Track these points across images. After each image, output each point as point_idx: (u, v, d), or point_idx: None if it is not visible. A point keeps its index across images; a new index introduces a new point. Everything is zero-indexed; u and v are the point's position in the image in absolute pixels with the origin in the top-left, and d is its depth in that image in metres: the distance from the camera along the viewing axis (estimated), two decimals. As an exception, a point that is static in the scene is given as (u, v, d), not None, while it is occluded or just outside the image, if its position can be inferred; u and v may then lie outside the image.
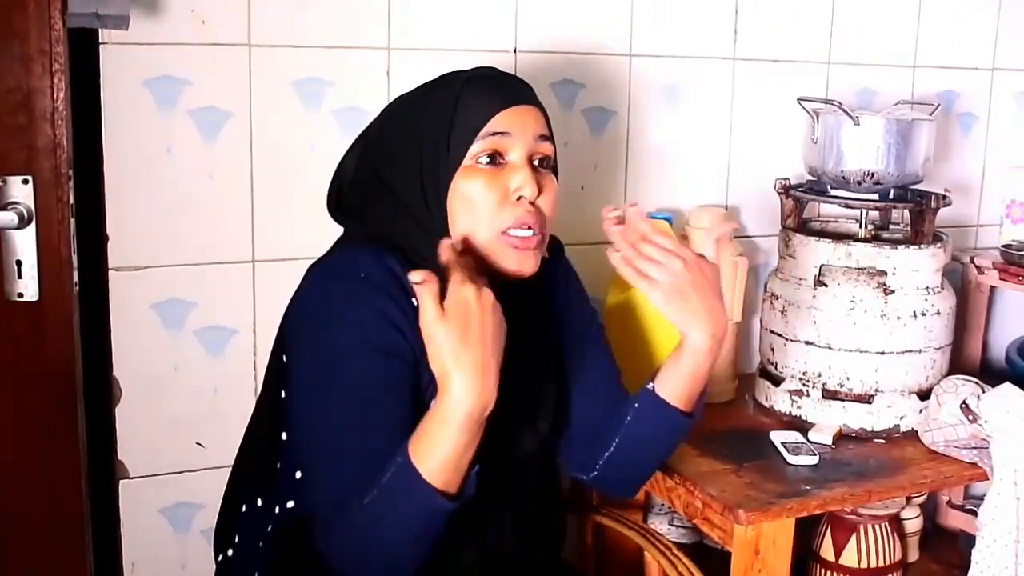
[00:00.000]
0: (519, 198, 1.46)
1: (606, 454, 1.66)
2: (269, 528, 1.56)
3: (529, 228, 1.46)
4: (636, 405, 1.62)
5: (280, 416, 1.54)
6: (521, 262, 1.48)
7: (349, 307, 1.42)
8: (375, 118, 1.61)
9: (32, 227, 1.70)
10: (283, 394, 1.52)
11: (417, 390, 1.44)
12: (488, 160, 1.45)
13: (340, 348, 1.41)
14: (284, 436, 1.54)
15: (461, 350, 1.32)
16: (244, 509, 1.62)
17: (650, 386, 1.61)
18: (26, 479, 1.78)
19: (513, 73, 1.56)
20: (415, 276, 1.33)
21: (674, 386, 1.60)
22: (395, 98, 1.61)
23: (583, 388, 1.70)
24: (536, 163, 1.49)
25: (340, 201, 1.60)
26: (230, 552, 1.63)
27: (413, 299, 1.41)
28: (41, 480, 1.78)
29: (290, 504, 1.54)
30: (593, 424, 1.68)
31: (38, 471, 1.78)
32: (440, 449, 1.32)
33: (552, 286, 1.68)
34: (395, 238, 1.48)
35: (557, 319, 1.68)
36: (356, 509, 1.34)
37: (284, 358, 1.51)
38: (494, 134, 1.45)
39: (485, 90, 1.48)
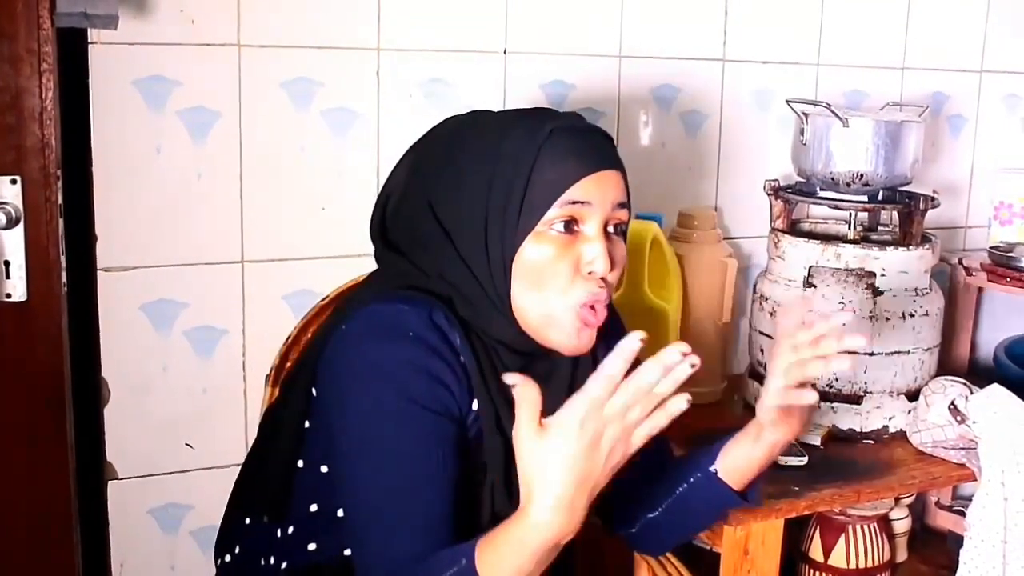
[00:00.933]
0: (590, 272, 1.37)
1: (650, 515, 1.58)
2: (283, 562, 1.50)
3: (599, 304, 1.38)
4: (692, 480, 1.54)
5: (299, 444, 1.47)
6: (581, 339, 1.39)
7: (397, 367, 1.33)
8: (435, 132, 1.48)
9: (20, 227, 1.70)
10: (307, 424, 1.46)
11: (465, 447, 1.38)
12: (563, 227, 1.35)
13: (388, 409, 1.33)
14: (300, 464, 1.47)
15: (554, 476, 1.18)
16: (248, 522, 1.56)
17: (712, 469, 1.51)
18: (14, 480, 1.77)
19: (597, 126, 1.45)
20: (511, 379, 1.19)
21: (737, 470, 1.51)
22: (466, 117, 1.49)
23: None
24: (610, 230, 1.40)
25: (384, 226, 1.47)
26: (228, 558, 1.59)
27: (460, 357, 1.36)
28: (29, 481, 1.78)
29: (311, 546, 1.47)
30: (631, 480, 1.49)
31: (26, 472, 1.78)
32: (507, 567, 1.21)
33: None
34: (446, 290, 1.39)
35: None
36: None
37: (314, 392, 1.43)
38: (574, 203, 1.35)
39: (571, 150, 1.36)
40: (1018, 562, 1.92)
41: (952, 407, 2.01)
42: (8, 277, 1.70)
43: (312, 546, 1.47)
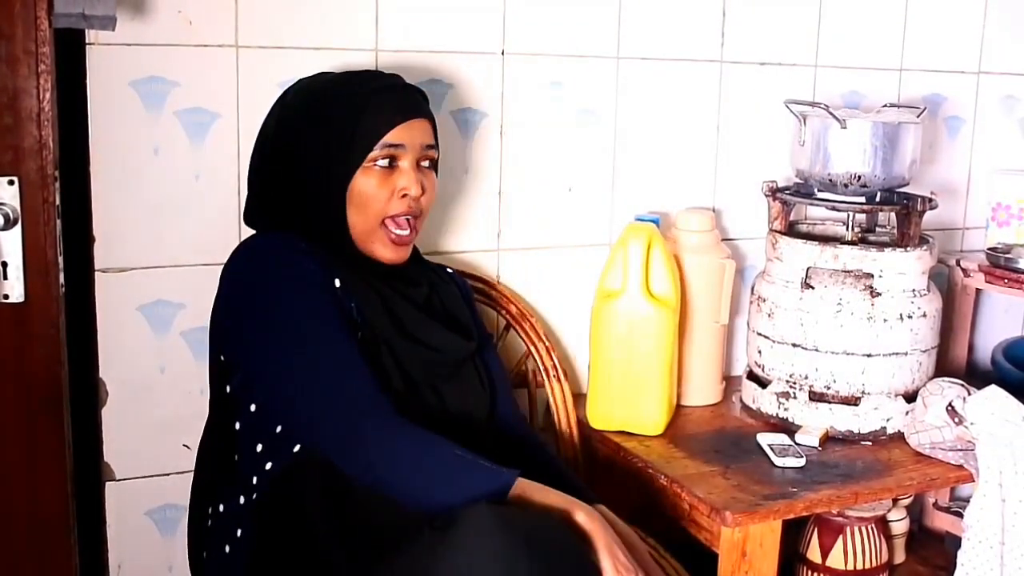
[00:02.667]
0: (404, 196, 1.72)
1: None
2: (251, 495, 1.62)
3: (407, 226, 1.74)
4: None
5: (229, 410, 1.68)
6: (396, 253, 1.74)
7: (268, 262, 1.64)
8: (289, 93, 1.79)
9: (18, 228, 1.69)
10: (228, 389, 1.68)
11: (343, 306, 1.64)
12: (386, 163, 1.71)
13: (274, 285, 1.62)
14: (238, 426, 1.66)
15: None
16: (210, 524, 1.70)
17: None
18: (11, 481, 1.77)
19: (411, 84, 1.81)
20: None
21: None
22: (313, 77, 1.82)
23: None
24: (425, 164, 1.77)
25: (261, 176, 1.79)
26: (205, 554, 1.72)
27: (323, 264, 1.64)
28: (26, 482, 1.77)
29: (268, 465, 1.61)
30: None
31: (23, 473, 1.77)
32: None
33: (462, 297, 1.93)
34: (302, 224, 1.71)
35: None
36: (404, 431, 1.52)
37: (222, 357, 1.70)
38: (390, 145, 1.71)
39: (387, 105, 1.72)
40: (1015, 563, 1.92)
41: (950, 408, 2.01)
42: (6, 278, 1.69)
43: (268, 465, 1.61)
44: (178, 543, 2.04)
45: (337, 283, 1.65)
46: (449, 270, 1.96)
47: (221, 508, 1.67)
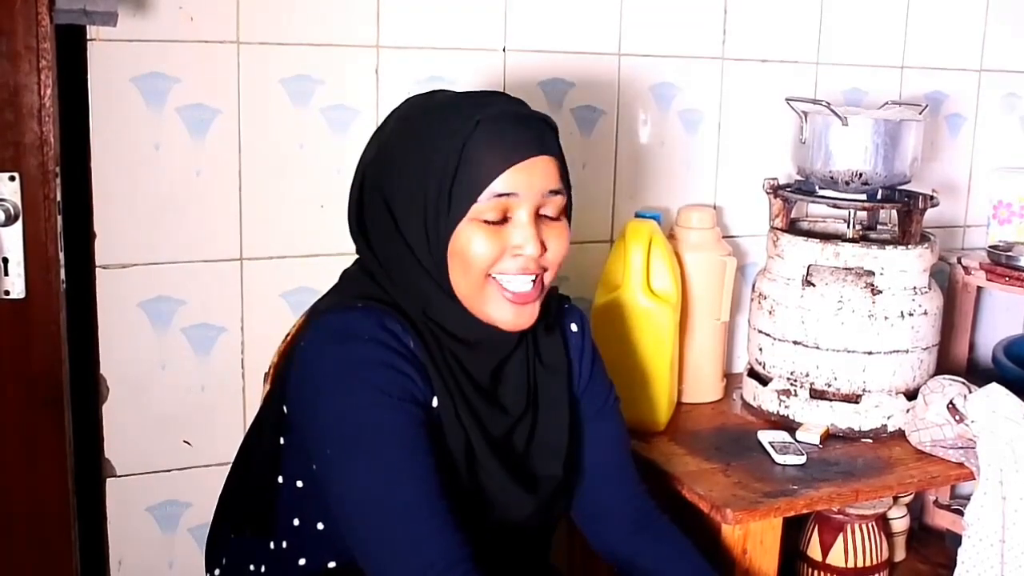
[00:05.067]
0: (517, 255, 1.42)
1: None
2: (264, 567, 1.54)
3: (527, 279, 1.44)
4: None
5: (276, 461, 1.50)
6: (516, 316, 1.45)
7: (358, 366, 1.39)
8: (390, 122, 1.53)
9: (19, 224, 1.70)
10: (282, 441, 1.49)
11: (433, 432, 1.43)
12: (492, 217, 1.40)
13: (359, 405, 1.38)
14: (280, 480, 1.50)
15: None
16: (233, 536, 1.59)
17: None
18: (11, 477, 1.77)
19: (532, 111, 1.49)
20: None
21: None
22: (418, 100, 1.53)
23: (596, 456, 1.67)
24: (546, 213, 1.45)
25: (360, 220, 1.52)
26: (217, 572, 1.63)
27: (416, 356, 1.42)
28: (27, 478, 1.78)
29: (302, 561, 1.49)
30: (597, 492, 1.66)
31: (24, 469, 1.77)
32: None
33: (579, 362, 1.66)
34: (399, 296, 1.46)
35: (576, 395, 1.66)
36: None
37: (285, 409, 1.47)
38: (499, 195, 1.40)
39: (495, 142, 1.40)
40: (1016, 561, 1.92)
41: (951, 406, 2.01)
42: (7, 274, 1.70)
43: (302, 561, 1.49)
44: (179, 539, 2.04)
45: (435, 402, 1.43)
46: (574, 328, 1.65)
47: (247, 533, 1.55)
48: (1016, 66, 2.68)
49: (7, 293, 1.70)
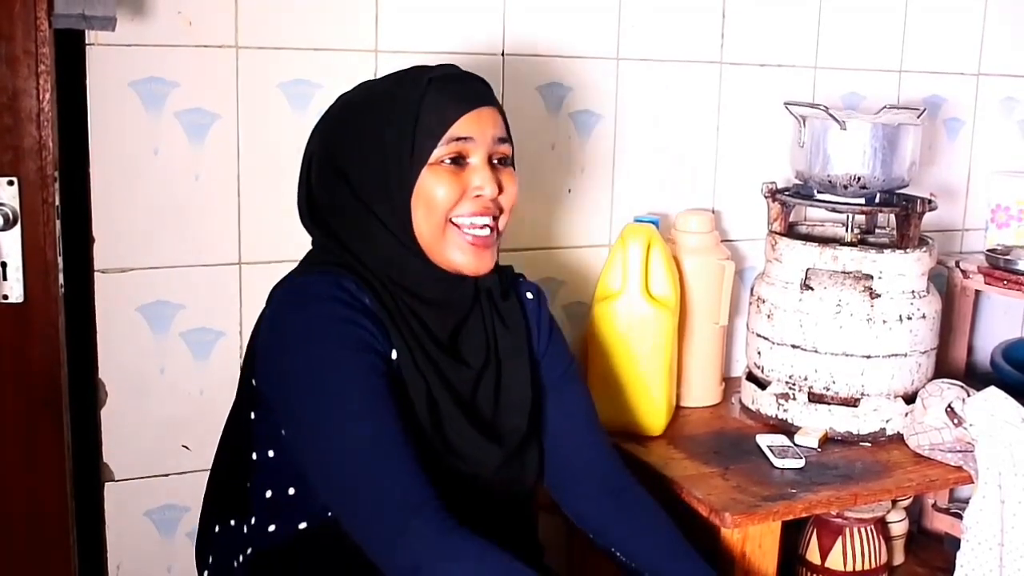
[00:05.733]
0: (478, 196, 1.54)
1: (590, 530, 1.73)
2: (247, 550, 1.57)
3: (485, 224, 1.55)
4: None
5: (249, 437, 1.56)
6: (477, 259, 1.55)
7: (318, 324, 1.48)
8: (332, 109, 1.63)
9: (17, 229, 1.70)
10: (252, 415, 1.56)
11: (396, 384, 1.50)
12: (451, 161, 1.52)
13: (324, 361, 1.46)
14: (254, 456, 1.56)
15: None
16: (217, 530, 1.63)
17: None
18: (10, 481, 1.77)
19: (473, 73, 1.62)
20: None
21: None
22: (355, 88, 1.64)
23: (561, 420, 1.72)
24: (496, 162, 1.57)
25: (311, 206, 1.61)
26: (206, 573, 1.66)
27: (374, 313, 1.50)
28: (26, 482, 1.78)
29: (271, 528, 1.54)
30: (566, 456, 1.71)
31: (23, 473, 1.77)
32: None
33: (536, 327, 1.73)
34: (356, 260, 1.54)
35: (536, 358, 1.72)
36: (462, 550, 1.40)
37: (254, 382, 1.54)
38: (457, 139, 1.52)
39: (448, 93, 1.54)
40: (1015, 564, 1.92)
41: (949, 410, 2.01)
42: (5, 279, 1.70)
43: (271, 527, 1.54)
44: (177, 544, 2.04)
45: (394, 354, 1.51)
46: (529, 295, 1.74)
47: (232, 523, 1.60)
48: (1014, 70, 2.68)
49: (5, 297, 1.71)
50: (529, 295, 1.74)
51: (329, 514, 1.49)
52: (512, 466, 1.62)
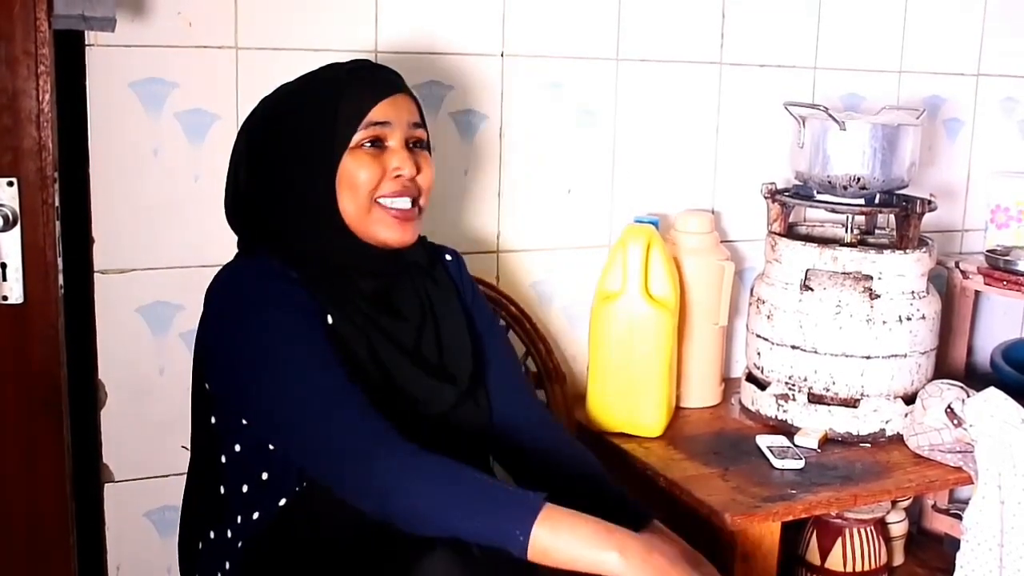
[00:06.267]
0: (397, 176, 1.62)
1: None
2: (238, 545, 1.58)
3: (407, 199, 1.63)
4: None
5: (213, 442, 1.61)
6: (401, 232, 1.63)
7: (251, 299, 1.55)
8: (256, 110, 1.69)
9: (17, 229, 1.69)
10: (213, 420, 1.60)
11: (335, 342, 1.56)
12: (371, 144, 1.60)
13: (260, 328, 1.52)
14: (223, 459, 1.59)
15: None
16: (200, 547, 1.65)
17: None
18: (10, 481, 1.77)
19: (384, 65, 1.71)
20: None
21: None
22: (275, 90, 1.70)
23: (492, 367, 1.79)
24: (412, 145, 1.65)
25: (237, 203, 1.70)
26: None
27: (302, 287, 1.56)
28: (26, 483, 1.78)
29: (255, 515, 1.57)
30: (500, 407, 1.77)
31: (23, 474, 1.77)
32: (565, 530, 1.39)
33: (460, 284, 1.82)
34: (290, 238, 1.62)
35: (467, 310, 1.80)
36: (421, 457, 1.45)
37: (207, 385, 1.60)
38: (375, 123, 1.60)
39: (365, 82, 1.63)
40: (1014, 565, 1.92)
41: (949, 410, 2.01)
42: (5, 279, 1.70)
43: (256, 515, 1.57)
44: (176, 545, 2.04)
45: (330, 319, 1.57)
46: (448, 257, 1.84)
47: (212, 535, 1.63)
48: (1013, 70, 2.68)
49: (5, 298, 1.70)
50: (448, 256, 1.83)
51: (304, 484, 1.53)
52: (467, 405, 1.69)
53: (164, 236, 1.94)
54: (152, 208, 1.92)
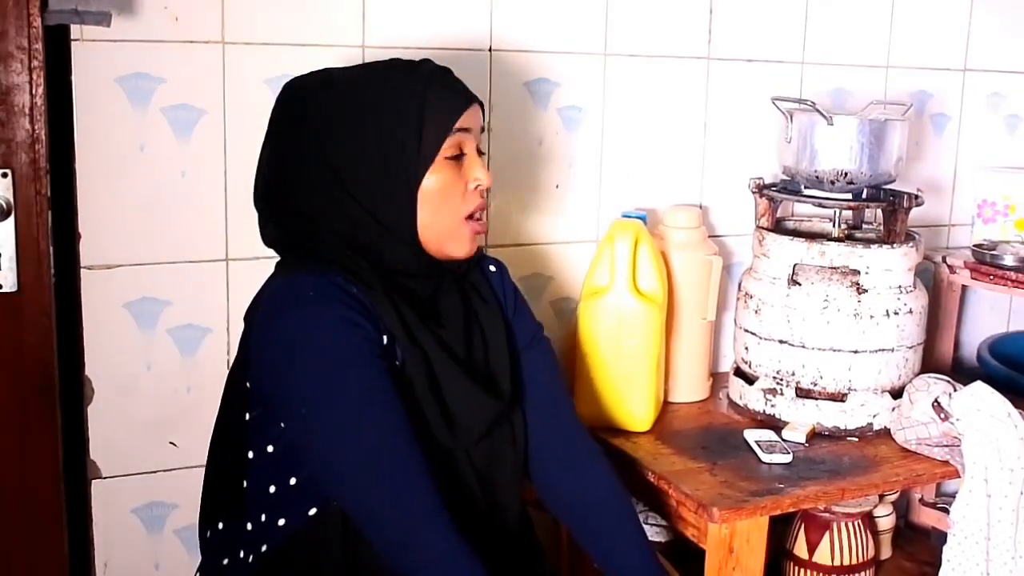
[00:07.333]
0: (477, 187, 1.59)
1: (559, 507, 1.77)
2: (260, 548, 1.56)
3: (483, 211, 1.62)
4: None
5: (244, 437, 1.56)
6: (472, 245, 1.61)
7: (316, 324, 1.47)
8: (313, 97, 1.60)
9: (11, 220, 1.71)
10: (247, 416, 1.55)
11: (392, 363, 1.51)
12: (453, 157, 1.56)
13: (326, 363, 1.46)
14: (251, 455, 1.56)
15: None
16: (209, 535, 1.64)
17: None
18: (3, 466, 1.79)
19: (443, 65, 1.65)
20: None
21: None
22: (337, 79, 1.61)
23: (529, 381, 1.75)
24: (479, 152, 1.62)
25: (268, 191, 1.63)
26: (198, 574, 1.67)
27: (363, 302, 1.49)
28: (19, 467, 1.80)
29: (281, 522, 1.53)
30: (537, 428, 1.73)
31: (16, 458, 1.79)
32: None
33: (503, 295, 1.77)
34: (337, 235, 1.55)
35: (509, 325, 1.74)
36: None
37: (248, 384, 1.54)
38: (460, 130, 1.56)
39: (448, 87, 1.58)
40: (1001, 558, 1.93)
41: (936, 404, 2.02)
42: None
43: (282, 521, 1.54)
44: (165, 541, 2.04)
45: (385, 340, 1.51)
46: (492, 268, 1.78)
47: (220, 526, 1.61)
48: (1000, 65, 2.69)
49: (0, 286, 1.72)
50: (492, 268, 1.78)
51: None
52: (502, 428, 1.65)
53: (151, 232, 1.93)
54: (139, 204, 1.92)
